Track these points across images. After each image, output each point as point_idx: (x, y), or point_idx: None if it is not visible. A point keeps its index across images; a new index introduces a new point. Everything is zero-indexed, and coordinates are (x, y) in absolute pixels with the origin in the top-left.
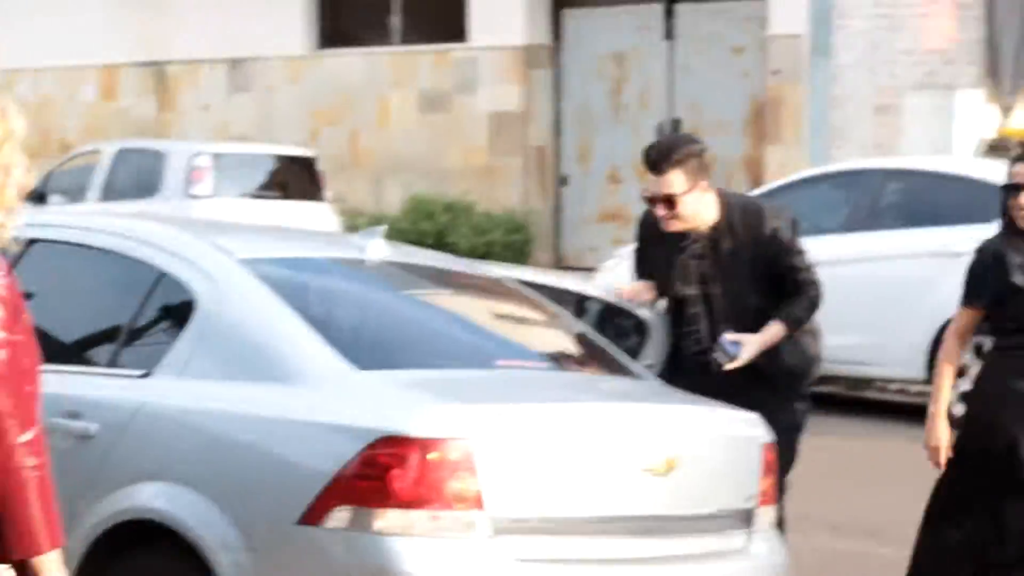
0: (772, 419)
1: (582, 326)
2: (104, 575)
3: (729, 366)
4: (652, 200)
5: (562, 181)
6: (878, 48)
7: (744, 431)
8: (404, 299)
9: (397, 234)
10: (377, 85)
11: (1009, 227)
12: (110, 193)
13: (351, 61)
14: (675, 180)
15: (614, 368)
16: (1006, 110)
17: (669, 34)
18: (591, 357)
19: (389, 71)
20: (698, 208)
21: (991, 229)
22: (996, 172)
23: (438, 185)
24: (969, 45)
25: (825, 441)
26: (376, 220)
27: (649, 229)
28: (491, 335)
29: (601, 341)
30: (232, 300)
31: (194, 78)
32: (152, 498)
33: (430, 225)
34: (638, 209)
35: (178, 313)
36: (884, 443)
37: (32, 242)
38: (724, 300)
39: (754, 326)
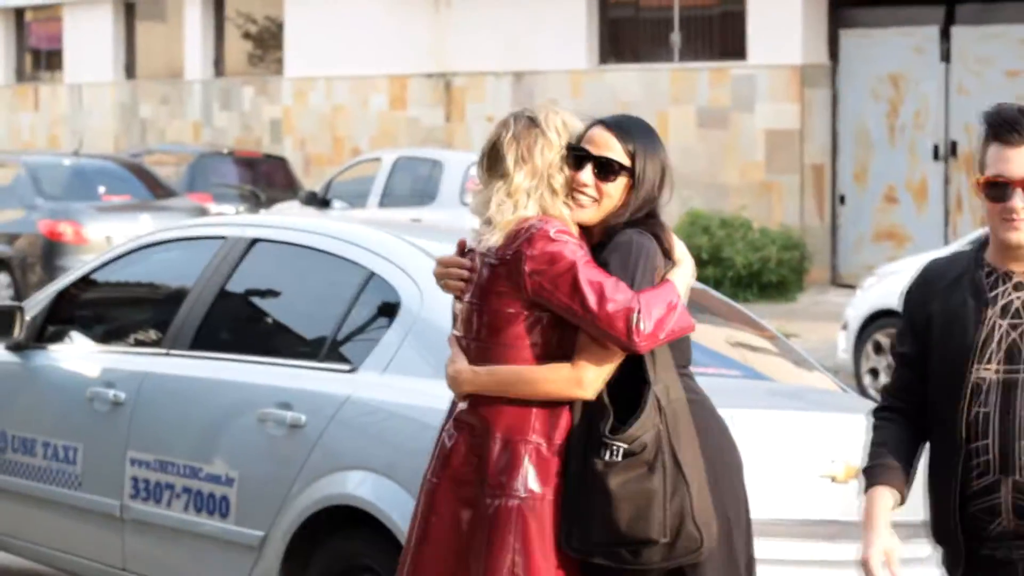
0: None
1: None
2: (306, 557)
3: None
4: (999, 185)
5: (840, 200)
6: None
7: None
8: None
9: None
10: (656, 100)
11: None
12: (388, 200)
13: (631, 76)
14: None
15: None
16: None
17: (945, 56)
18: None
19: (668, 87)
20: None
21: None
22: None
23: (715, 201)
24: None
25: None
26: None
27: (930, 284)
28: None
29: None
30: (433, 299)
31: (479, 90)
32: (356, 486)
33: (706, 240)
34: (914, 229)
35: (385, 312)
36: None
37: (255, 242)
38: None
39: None
